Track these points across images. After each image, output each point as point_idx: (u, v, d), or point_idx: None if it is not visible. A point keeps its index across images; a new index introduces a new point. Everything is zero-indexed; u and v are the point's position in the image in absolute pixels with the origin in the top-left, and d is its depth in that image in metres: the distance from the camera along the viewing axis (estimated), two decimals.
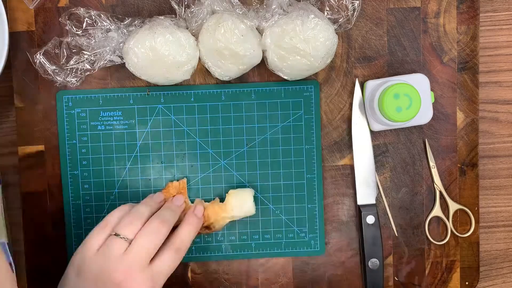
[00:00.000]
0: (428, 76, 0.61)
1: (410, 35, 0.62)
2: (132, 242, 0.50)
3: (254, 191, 0.61)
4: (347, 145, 0.63)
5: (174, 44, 0.55)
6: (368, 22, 0.62)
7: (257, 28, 0.58)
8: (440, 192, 0.63)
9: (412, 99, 0.57)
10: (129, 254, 0.49)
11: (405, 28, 0.62)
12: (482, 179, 0.65)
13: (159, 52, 0.55)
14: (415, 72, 0.62)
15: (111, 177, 0.62)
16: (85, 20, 0.58)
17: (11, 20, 0.60)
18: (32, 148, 0.61)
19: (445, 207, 0.63)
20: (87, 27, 0.58)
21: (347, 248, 0.63)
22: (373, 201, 0.62)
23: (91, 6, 0.60)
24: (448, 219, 0.63)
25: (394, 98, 0.57)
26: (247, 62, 0.57)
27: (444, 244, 0.64)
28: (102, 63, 0.58)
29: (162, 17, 0.57)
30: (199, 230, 0.59)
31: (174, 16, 0.58)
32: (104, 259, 0.49)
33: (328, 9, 0.58)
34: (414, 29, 0.62)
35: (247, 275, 0.63)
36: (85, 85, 0.61)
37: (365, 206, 0.62)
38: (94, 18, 0.57)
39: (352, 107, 0.62)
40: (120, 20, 0.59)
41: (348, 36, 0.62)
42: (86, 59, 0.58)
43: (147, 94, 0.62)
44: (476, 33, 0.62)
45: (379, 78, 0.62)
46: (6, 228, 0.61)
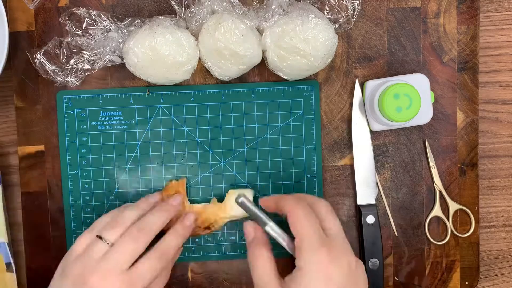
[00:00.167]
0: (428, 76, 0.61)
1: (410, 35, 0.62)
2: (112, 247, 0.50)
3: (254, 191, 0.61)
4: (347, 145, 0.63)
5: (174, 44, 0.55)
6: (368, 22, 0.62)
7: (257, 28, 0.58)
8: (440, 192, 0.63)
9: (412, 99, 0.57)
10: (107, 258, 0.49)
11: (405, 28, 0.62)
12: (482, 179, 0.65)
13: (159, 52, 0.55)
14: (415, 72, 0.62)
15: (111, 177, 0.62)
16: (85, 20, 0.58)
17: (11, 20, 0.60)
18: (32, 148, 0.61)
19: (445, 207, 0.63)
20: (87, 27, 0.58)
21: None
22: (373, 201, 0.62)
23: (91, 6, 0.60)
24: (448, 219, 0.63)
25: (394, 98, 0.57)
26: (247, 62, 0.57)
27: (444, 244, 0.64)
28: (102, 63, 0.58)
29: (162, 17, 0.57)
30: (199, 231, 0.59)
31: (174, 16, 0.58)
32: (84, 261, 0.49)
33: (328, 9, 0.58)
34: (414, 29, 0.62)
35: (247, 275, 0.63)
36: (85, 85, 0.61)
37: (365, 206, 0.62)
38: (94, 18, 0.57)
39: (352, 107, 0.62)
40: (120, 20, 0.59)
41: (348, 36, 0.62)
42: (86, 59, 0.58)
43: (147, 94, 0.62)
44: (476, 33, 0.62)
45: (379, 78, 0.62)
46: (6, 228, 0.61)
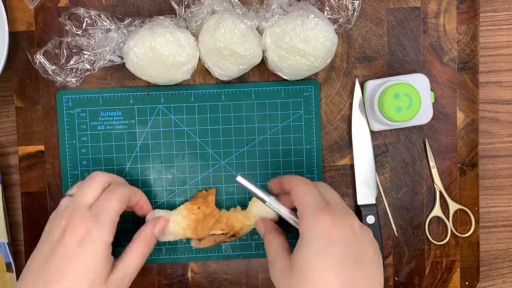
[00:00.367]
0: (428, 76, 0.61)
1: (410, 35, 0.62)
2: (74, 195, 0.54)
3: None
4: (347, 145, 0.63)
5: (174, 44, 0.55)
6: (368, 22, 0.62)
7: (257, 28, 0.58)
8: (440, 192, 0.63)
9: (412, 99, 0.57)
10: (71, 204, 0.52)
11: (405, 28, 0.62)
12: (482, 179, 0.65)
13: (159, 52, 0.55)
14: (415, 72, 0.62)
15: None
16: (85, 20, 0.58)
17: (11, 20, 0.60)
18: (32, 148, 0.61)
19: (445, 207, 0.63)
20: (87, 27, 0.58)
21: None
22: (373, 201, 0.62)
23: (91, 6, 0.60)
24: (448, 219, 0.63)
25: (394, 98, 0.57)
26: (247, 62, 0.57)
27: (444, 244, 0.64)
28: (102, 63, 0.58)
29: (162, 17, 0.57)
30: (225, 239, 0.58)
31: (174, 16, 0.58)
32: (55, 215, 0.53)
33: (328, 9, 0.58)
34: (414, 29, 0.62)
35: (247, 275, 0.63)
36: (85, 85, 0.61)
37: (365, 206, 0.62)
38: (94, 18, 0.57)
39: (352, 107, 0.62)
40: (120, 20, 0.59)
41: (348, 36, 0.62)
42: (86, 59, 0.58)
43: (147, 94, 0.62)
44: (476, 33, 0.62)
45: (379, 78, 0.62)
46: (6, 228, 0.61)
